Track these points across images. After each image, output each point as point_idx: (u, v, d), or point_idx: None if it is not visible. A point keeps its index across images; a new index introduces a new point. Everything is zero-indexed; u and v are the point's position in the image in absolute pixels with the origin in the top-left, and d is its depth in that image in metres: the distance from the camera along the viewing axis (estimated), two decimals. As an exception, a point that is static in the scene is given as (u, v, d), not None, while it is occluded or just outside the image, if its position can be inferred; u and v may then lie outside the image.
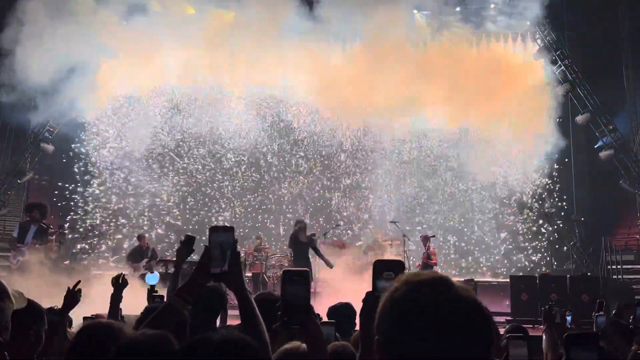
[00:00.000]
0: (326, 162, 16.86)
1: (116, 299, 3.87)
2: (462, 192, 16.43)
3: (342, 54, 15.80)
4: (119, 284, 3.93)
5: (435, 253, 12.39)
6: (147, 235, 12.99)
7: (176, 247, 3.93)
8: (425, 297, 1.22)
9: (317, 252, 11.01)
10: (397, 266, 1.67)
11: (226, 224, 14.20)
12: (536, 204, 16.08)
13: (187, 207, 16.51)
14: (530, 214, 16.01)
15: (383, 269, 1.66)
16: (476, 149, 15.91)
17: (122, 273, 4.10)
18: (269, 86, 16.23)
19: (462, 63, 15.21)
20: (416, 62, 14.97)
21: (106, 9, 13.98)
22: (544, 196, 15.88)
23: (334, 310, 4.11)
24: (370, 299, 1.63)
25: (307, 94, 15.85)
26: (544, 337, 3.33)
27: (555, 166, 15.94)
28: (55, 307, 4.03)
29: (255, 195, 16.70)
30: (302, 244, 10.96)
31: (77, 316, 3.86)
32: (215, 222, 15.57)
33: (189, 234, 3.78)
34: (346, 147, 16.84)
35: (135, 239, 13.01)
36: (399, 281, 1.30)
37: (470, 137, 16.13)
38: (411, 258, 13.87)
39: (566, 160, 15.84)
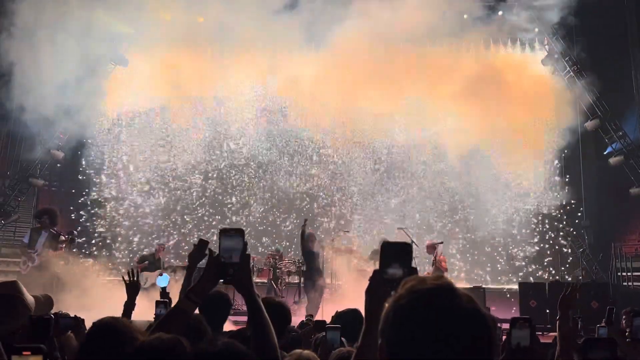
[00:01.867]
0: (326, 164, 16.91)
1: (129, 306, 3.86)
2: (472, 198, 16.33)
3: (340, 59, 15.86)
4: (132, 290, 3.90)
5: (445, 260, 12.26)
6: (164, 247, 12.99)
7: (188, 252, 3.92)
8: (428, 306, 1.25)
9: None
10: (405, 248, 1.68)
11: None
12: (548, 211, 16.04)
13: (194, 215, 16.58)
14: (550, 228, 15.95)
15: (391, 252, 1.67)
16: (485, 158, 15.88)
17: (136, 268, 4.06)
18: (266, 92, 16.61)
19: (468, 71, 15.16)
20: (421, 70, 15.01)
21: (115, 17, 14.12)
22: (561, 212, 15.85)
23: (340, 316, 4.10)
24: (376, 277, 1.66)
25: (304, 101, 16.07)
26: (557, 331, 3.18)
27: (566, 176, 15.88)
28: (61, 312, 4.06)
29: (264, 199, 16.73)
30: (314, 254, 11.08)
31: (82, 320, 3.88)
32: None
33: (202, 237, 3.77)
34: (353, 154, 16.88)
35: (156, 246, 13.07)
36: (403, 287, 1.32)
37: (477, 145, 16.03)
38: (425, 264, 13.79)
39: (575, 166, 15.77)
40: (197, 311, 3.52)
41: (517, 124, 15.31)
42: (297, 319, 5.48)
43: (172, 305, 2.10)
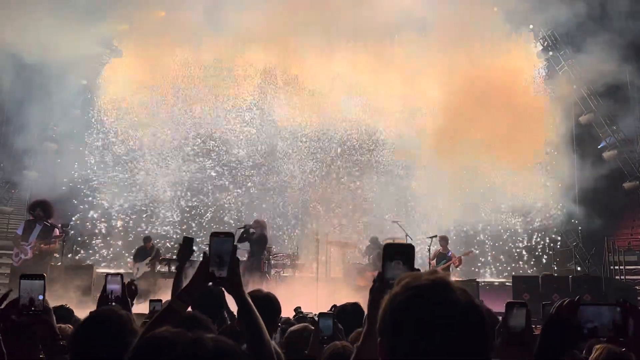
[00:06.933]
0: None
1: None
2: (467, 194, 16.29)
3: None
4: (131, 291, 3.87)
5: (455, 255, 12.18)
6: (152, 238, 13.02)
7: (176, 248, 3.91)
8: (425, 302, 1.25)
9: None
10: (407, 250, 1.69)
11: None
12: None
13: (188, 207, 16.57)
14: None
15: (393, 253, 1.68)
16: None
17: (131, 280, 4.04)
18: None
19: (460, 70, 15.12)
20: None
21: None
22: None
23: (341, 310, 4.09)
24: (379, 280, 1.67)
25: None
26: None
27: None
28: (66, 305, 4.05)
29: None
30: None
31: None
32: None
33: (186, 235, 3.80)
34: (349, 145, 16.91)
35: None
36: (399, 285, 1.33)
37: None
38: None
39: (569, 160, 15.79)
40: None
41: (511, 118, 15.27)
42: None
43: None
